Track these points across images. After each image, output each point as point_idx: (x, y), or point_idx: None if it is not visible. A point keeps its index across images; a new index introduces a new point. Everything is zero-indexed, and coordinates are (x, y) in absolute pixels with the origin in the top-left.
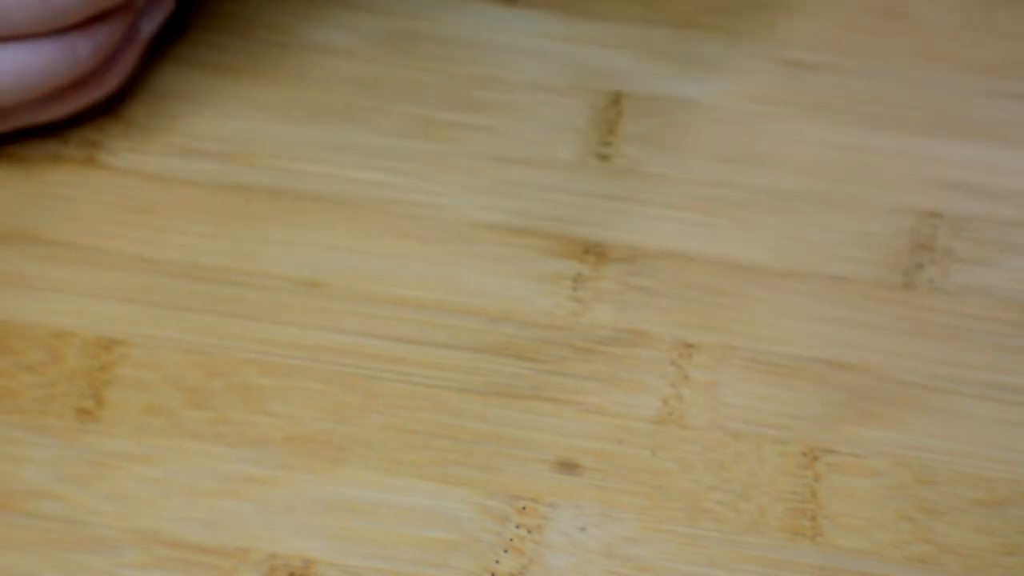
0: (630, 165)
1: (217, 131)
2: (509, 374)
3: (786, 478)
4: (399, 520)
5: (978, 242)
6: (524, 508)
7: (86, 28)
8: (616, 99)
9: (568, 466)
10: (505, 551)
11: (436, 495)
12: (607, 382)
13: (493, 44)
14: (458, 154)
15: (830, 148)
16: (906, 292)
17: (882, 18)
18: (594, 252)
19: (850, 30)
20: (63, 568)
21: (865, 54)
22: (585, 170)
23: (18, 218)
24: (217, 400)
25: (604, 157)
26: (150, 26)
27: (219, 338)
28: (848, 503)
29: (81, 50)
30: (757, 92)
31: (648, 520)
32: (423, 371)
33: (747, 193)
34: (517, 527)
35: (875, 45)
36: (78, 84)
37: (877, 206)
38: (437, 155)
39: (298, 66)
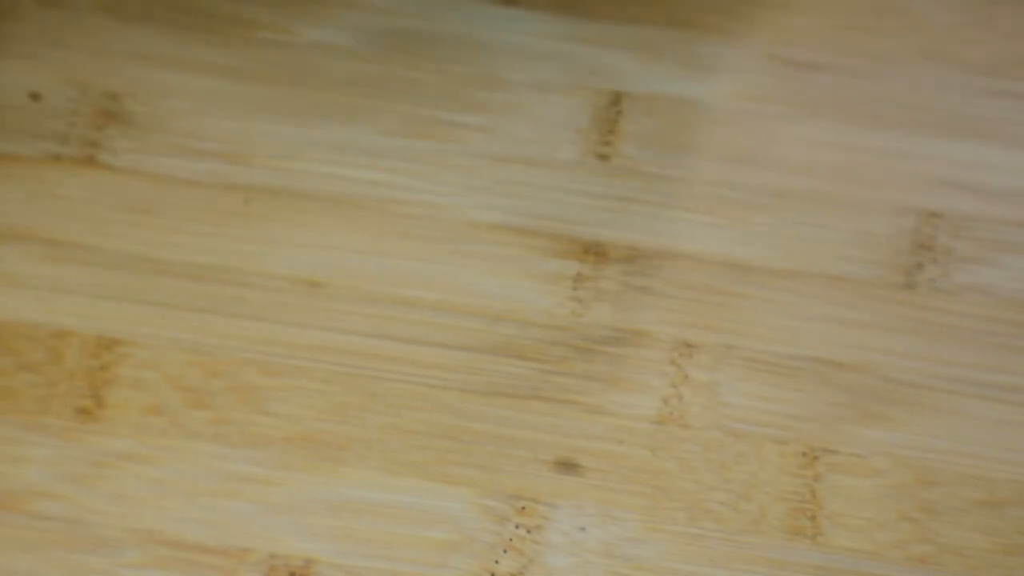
0: (630, 165)
1: (217, 131)
2: (509, 374)
3: (786, 478)
4: (399, 520)
5: (978, 242)
6: (524, 508)
7: None
8: (616, 99)
9: (568, 466)
10: (505, 551)
11: (436, 495)
12: (607, 382)
13: (493, 44)
14: (458, 154)
15: (830, 148)
16: (906, 292)
17: (882, 18)
18: (594, 252)
19: (850, 30)
20: (63, 568)
21: (865, 54)
22: (585, 170)
23: (18, 218)
24: (217, 400)
25: (604, 157)
26: None
27: (219, 338)
28: (848, 503)
29: None
30: (757, 92)
31: (648, 520)
32: (423, 371)
33: (747, 193)
34: (517, 527)
35: (875, 45)
36: None
37: (877, 206)
38: (437, 155)
39: (298, 66)
